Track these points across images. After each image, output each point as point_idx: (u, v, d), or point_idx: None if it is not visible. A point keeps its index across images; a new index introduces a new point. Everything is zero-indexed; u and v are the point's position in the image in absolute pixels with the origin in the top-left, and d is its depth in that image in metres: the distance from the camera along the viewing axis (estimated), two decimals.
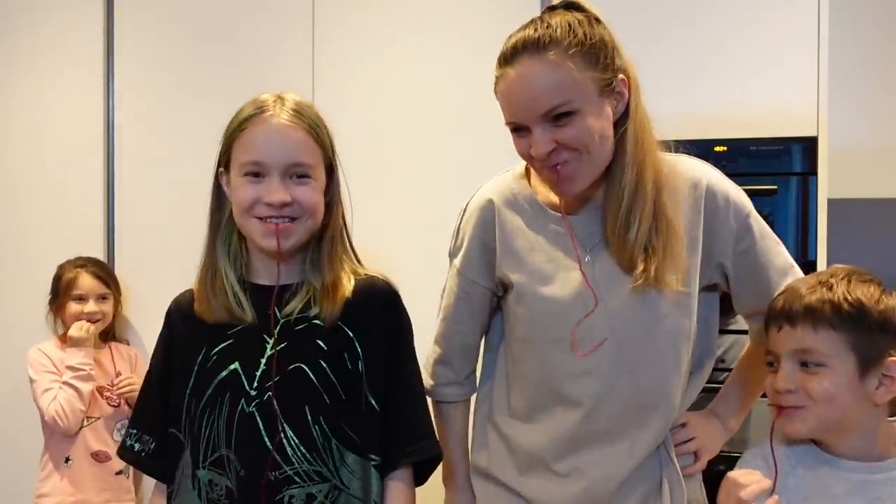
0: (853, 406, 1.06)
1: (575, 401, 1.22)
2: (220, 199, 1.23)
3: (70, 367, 2.15)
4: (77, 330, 2.18)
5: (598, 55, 1.14)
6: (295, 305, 1.19)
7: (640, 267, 1.16)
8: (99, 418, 2.22)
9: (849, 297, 1.06)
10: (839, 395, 1.05)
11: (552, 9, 1.19)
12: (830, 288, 1.07)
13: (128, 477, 2.27)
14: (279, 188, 1.14)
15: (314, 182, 1.18)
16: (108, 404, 2.24)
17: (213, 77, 2.42)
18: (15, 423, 2.45)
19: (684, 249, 1.18)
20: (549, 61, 1.11)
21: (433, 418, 1.30)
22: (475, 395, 1.40)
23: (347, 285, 1.21)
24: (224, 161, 1.21)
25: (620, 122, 1.17)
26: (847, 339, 1.05)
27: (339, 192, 1.25)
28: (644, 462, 1.23)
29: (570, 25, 1.13)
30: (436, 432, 1.26)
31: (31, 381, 2.19)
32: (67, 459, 2.18)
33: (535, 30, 1.14)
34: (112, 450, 2.20)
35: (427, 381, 1.36)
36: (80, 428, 2.18)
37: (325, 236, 1.22)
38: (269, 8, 2.39)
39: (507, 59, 1.15)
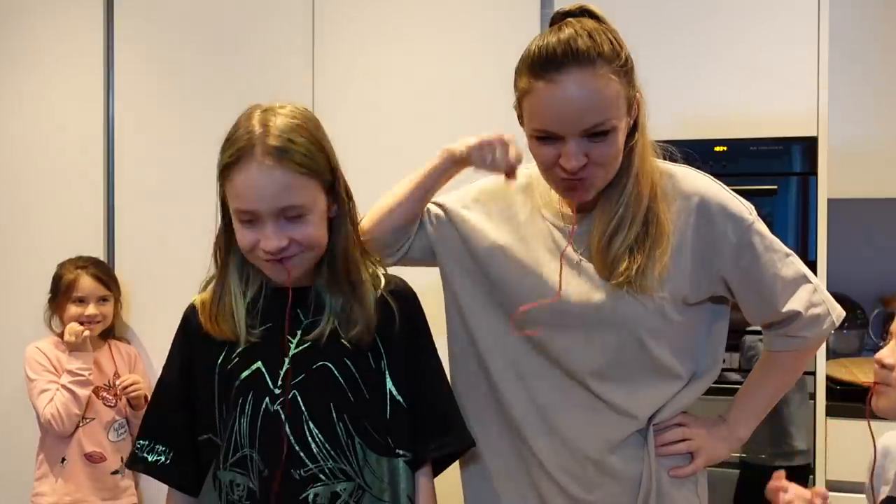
0: None
1: (549, 390, 1.26)
2: (228, 215, 1.18)
3: (69, 372, 2.14)
4: (70, 335, 2.16)
5: (631, 73, 1.15)
6: (323, 329, 1.18)
7: (622, 266, 1.18)
8: (94, 419, 2.20)
9: None
10: None
11: (569, 15, 1.17)
12: None
13: (123, 476, 2.26)
14: (273, 234, 1.11)
15: (311, 216, 1.13)
16: (105, 404, 2.23)
17: (213, 77, 2.42)
18: (14, 422, 2.45)
19: (669, 257, 1.19)
20: (599, 76, 1.10)
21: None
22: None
23: (371, 301, 1.20)
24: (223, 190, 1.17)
25: (628, 136, 1.19)
26: None
27: (347, 204, 1.22)
28: (625, 451, 1.25)
29: (611, 41, 1.12)
30: (466, 426, 1.29)
31: (29, 379, 2.19)
32: (63, 459, 2.18)
33: (580, 40, 1.10)
34: (107, 450, 2.20)
35: None
36: (76, 429, 2.17)
37: (337, 252, 1.19)
38: (269, 8, 2.39)
39: (546, 67, 1.10)
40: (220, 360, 1.19)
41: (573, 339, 1.23)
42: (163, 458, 1.23)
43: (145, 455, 1.23)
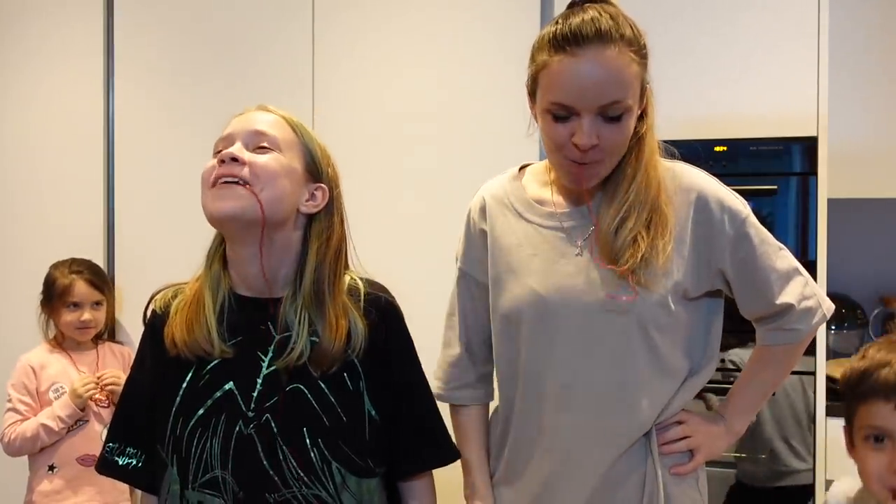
0: None
1: (550, 391, 1.24)
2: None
3: (58, 417, 2.10)
4: (79, 393, 2.12)
5: (646, 59, 1.18)
6: (290, 360, 1.12)
7: (628, 253, 1.18)
8: (87, 422, 2.17)
9: None
10: None
11: (587, 1, 1.18)
12: None
13: None
14: (235, 147, 1.12)
15: (280, 155, 1.13)
16: (98, 405, 2.20)
17: (213, 78, 2.42)
18: None
19: (669, 247, 1.19)
20: (620, 54, 1.12)
21: (453, 430, 1.31)
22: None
23: (345, 331, 1.15)
24: None
25: (637, 124, 1.20)
26: None
27: (337, 217, 1.20)
28: (630, 455, 1.24)
29: (632, 27, 1.15)
30: (452, 438, 1.27)
31: (9, 385, 2.18)
32: (52, 467, 2.15)
33: (603, 20, 1.13)
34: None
35: (437, 385, 1.37)
36: (68, 431, 2.15)
37: (322, 268, 1.16)
38: (269, 9, 2.40)
39: (569, 42, 1.12)
40: (189, 377, 1.15)
41: (579, 342, 1.22)
42: (134, 461, 1.20)
43: (115, 458, 1.21)
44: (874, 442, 1.06)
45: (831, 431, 2.00)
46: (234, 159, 1.10)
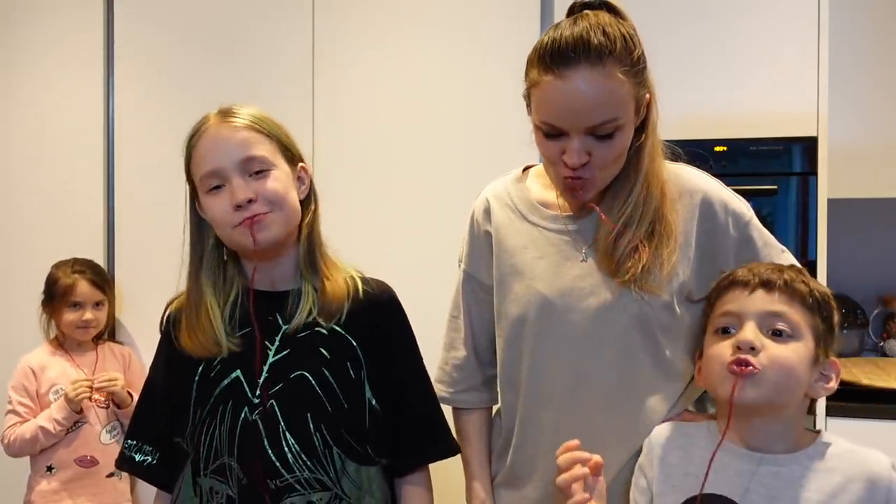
0: (799, 387, 1.08)
1: (554, 394, 1.24)
2: (200, 229, 1.22)
3: (55, 420, 2.11)
4: (72, 394, 2.12)
5: (642, 73, 1.14)
6: (300, 320, 1.19)
7: (628, 264, 1.18)
8: (85, 423, 2.17)
9: (819, 289, 1.11)
10: (798, 369, 1.06)
11: (587, 7, 1.16)
12: (802, 273, 1.12)
13: (120, 478, 2.24)
14: (241, 187, 1.14)
15: (276, 172, 1.17)
16: (98, 406, 2.20)
17: (213, 77, 2.42)
18: None
19: (675, 256, 1.19)
20: (609, 75, 1.09)
21: (455, 433, 1.32)
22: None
23: (344, 285, 1.22)
24: (192, 188, 1.21)
25: (636, 135, 1.18)
26: (812, 322, 1.08)
27: (313, 193, 1.26)
28: (635, 458, 1.23)
29: (625, 39, 1.11)
30: (452, 432, 1.28)
31: (10, 387, 2.18)
32: (50, 468, 2.15)
33: (593, 36, 1.09)
34: (100, 454, 2.18)
35: (442, 389, 1.36)
36: (66, 432, 2.15)
37: (312, 235, 1.23)
38: (269, 8, 2.40)
39: (557, 61, 1.10)
40: (200, 369, 1.19)
41: (584, 345, 1.22)
42: (149, 458, 1.25)
43: (133, 454, 1.26)
44: (721, 334, 1.10)
45: (831, 431, 1.99)
46: (250, 200, 1.14)
